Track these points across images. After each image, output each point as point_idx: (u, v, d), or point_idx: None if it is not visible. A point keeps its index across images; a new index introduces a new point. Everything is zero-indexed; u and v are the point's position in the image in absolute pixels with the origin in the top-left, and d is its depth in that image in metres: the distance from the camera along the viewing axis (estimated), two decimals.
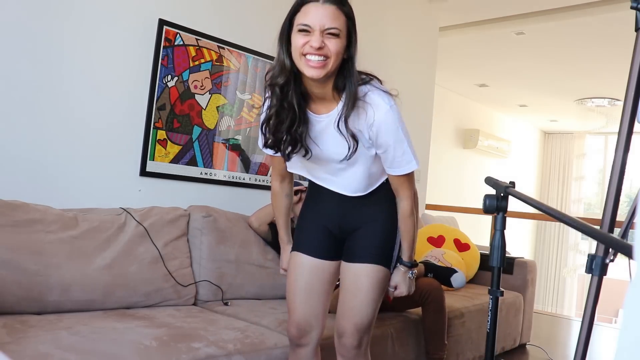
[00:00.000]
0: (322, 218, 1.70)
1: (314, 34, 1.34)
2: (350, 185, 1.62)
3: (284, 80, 1.43)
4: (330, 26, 1.35)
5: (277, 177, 1.75)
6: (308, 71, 1.37)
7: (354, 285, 1.64)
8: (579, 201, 8.84)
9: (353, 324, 1.64)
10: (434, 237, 3.71)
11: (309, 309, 1.67)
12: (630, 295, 0.47)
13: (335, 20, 1.36)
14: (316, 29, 1.34)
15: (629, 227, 1.34)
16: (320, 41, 1.34)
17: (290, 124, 1.47)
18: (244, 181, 2.98)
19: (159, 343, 1.66)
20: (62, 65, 2.29)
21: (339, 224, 1.68)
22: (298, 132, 1.48)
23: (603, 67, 5.53)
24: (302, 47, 1.36)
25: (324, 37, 1.35)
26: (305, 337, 1.68)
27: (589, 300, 1.36)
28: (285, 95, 1.45)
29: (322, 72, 1.37)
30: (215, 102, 2.82)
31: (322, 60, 1.36)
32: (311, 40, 1.34)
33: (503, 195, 1.30)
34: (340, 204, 1.66)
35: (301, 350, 1.70)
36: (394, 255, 1.68)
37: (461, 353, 2.92)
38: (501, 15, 4.54)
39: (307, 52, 1.36)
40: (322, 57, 1.36)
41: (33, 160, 2.22)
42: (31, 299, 1.87)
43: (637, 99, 1.32)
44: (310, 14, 1.35)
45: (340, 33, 1.37)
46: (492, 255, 1.32)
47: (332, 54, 1.36)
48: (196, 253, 2.46)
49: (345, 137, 1.46)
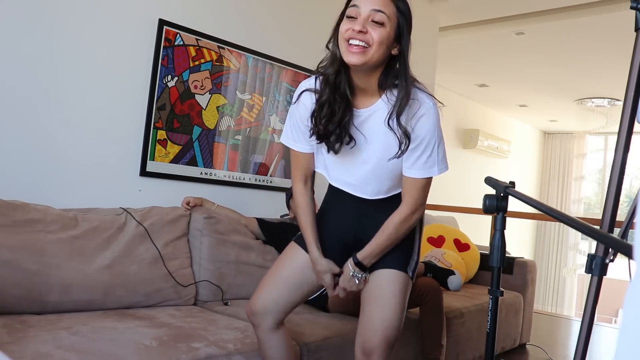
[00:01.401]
0: (337, 230, 1.64)
1: (359, 19, 1.34)
2: (375, 187, 1.55)
3: (334, 70, 1.43)
4: (377, 9, 1.33)
5: (300, 177, 1.64)
6: (347, 56, 1.36)
7: (379, 294, 1.55)
8: (578, 201, 8.84)
9: (384, 339, 1.52)
10: (434, 237, 3.71)
11: (271, 294, 1.62)
12: (630, 295, 0.47)
13: (383, 7, 1.34)
14: (362, 13, 1.34)
15: (628, 227, 1.34)
16: (362, 25, 1.33)
17: (342, 115, 1.45)
18: (244, 181, 2.98)
19: (159, 343, 1.66)
20: (62, 65, 2.29)
21: (355, 233, 1.62)
22: (345, 123, 1.46)
23: (603, 67, 5.53)
24: (345, 32, 1.35)
25: (369, 24, 1.34)
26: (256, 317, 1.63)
27: (589, 300, 1.36)
28: (338, 86, 1.44)
29: (361, 58, 1.34)
30: (215, 102, 2.82)
31: (362, 45, 1.34)
32: (354, 24, 1.34)
33: (503, 195, 1.30)
34: (359, 212, 1.60)
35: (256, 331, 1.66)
36: (411, 262, 1.60)
37: (461, 353, 2.92)
38: (501, 15, 4.54)
39: (349, 36, 1.35)
40: (363, 42, 1.34)
41: (33, 160, 2.22)
42: (31, 299, 1.87)
43: (637, 99, 1.32)
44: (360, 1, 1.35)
45: (386, 23, 1.35)
46: (492, 255, 1.32)
47: (374, 42, 1.34)
48: (196, 253, 2.46)
49: (396, 133, 1.42)
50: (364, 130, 1.48)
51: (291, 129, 1.58)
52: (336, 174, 1.60)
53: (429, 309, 2.49)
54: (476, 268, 3.67)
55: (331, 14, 3.40)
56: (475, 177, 6.91)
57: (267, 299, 1.63)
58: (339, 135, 1.46)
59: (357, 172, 1.54)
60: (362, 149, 1.50)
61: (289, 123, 1.59)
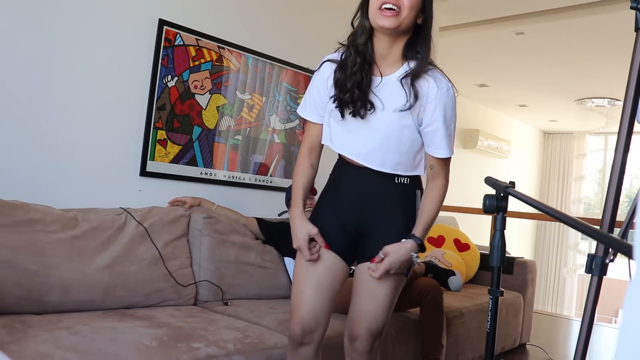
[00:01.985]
0: (339, 209, 1.64)
1: None
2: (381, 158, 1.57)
3: (364, 40, 1.52)
4: None
5: (305, 146, 1.71)
6: (381, 21, 1.45)
7: (369, 291, 1.59)
8: (578, 201, 8.84)
9: (367, 329, 1.60)
10: (434, 237, 3.71)
11: (317, 304, 1.61)
12: (630, 295, 0.47)
13: None
14: None
15: (628, 227, 1.34)
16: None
17: (369, 82, 1.53)
18: (244, 181, 2.98)
19: (159, 343, 1.66)
20: (62, 66, 2.29)
21: (356, 219, 1.62)
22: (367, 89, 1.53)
23: (603, 67, 5.53)
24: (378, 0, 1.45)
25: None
26: (309, 335, 1.61)
27: (589, 300, 1.36)
28: (364, 54, 1.53)
29: (395, 21, 1.44)
30: (215, 102, 2.82)
31: (395, 10, 1.44)
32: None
33: (503, 195, 1.30)
34: (361, 199, 1.61)
35: (303, 350, 1.62)
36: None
37: (461, 353, 2.92)
38: (501, 15, 4.54)
39: (383, 1, 1.44)
40: (395, 7, 1.43)
41: (33, 160, 2.22)
42: (31, 299, 1.87)
43: (637, 99, 1.32)
44: None
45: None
46: (492, 255, 1.32)
47: (405, 6, 1.44)
48: (196, 253, 2.46)
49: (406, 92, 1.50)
50: (382, 96, 1.54)
51: (307, 99, 1.67)
52: (343, 141, 1.62)
53: (429, 309, 2.49)
54: (476, 268, 3.67)
55: (331, 14, 3.42)
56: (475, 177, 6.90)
57: (316, 310, 1.61)
58: (364, 101, 1.53)
59: (367, 139, 1.57)
60: (377, 116, 1.55)
61: (306, 93, 1.68)
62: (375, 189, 1.60)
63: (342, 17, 3.58)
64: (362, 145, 1.58)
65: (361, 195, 1.62)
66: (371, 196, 1.61)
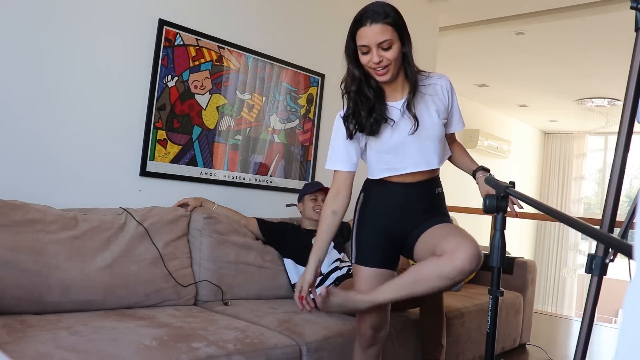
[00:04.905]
0: (382, 219, 1.83)
1: (372, 51, 1.64)
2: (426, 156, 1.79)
3: (356, 87, 1.75)
4: (381, 40, 1.63)
5: (332, 190, 1.86)
6: (379, 78, 1.70)
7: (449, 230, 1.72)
8: (578, 201, 8.84)
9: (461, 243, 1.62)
10: None
11: (381, 311, 1.85)
12: (630, 295, 0.47)
13: (384, 35, 1.62)
14: (372, 46, 1.64)
15: (628, 227, 1.34)
16: (377, 56, 1.64)
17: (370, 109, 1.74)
18: (244, 181, 2.98)
19: (159, 343, 1.66)
20: (62, 65, 2.29)
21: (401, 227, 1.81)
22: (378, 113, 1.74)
23: (603, 67, 5.53)
24: (367, 64, 1.68)
25: (380, 50, 1.64)
26: (378, 334, 1.88)
27: (589, 300, 1.36)
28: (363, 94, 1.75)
29: (388, 75, 1.69)
30: (215, 102, 2.82)
31: (385, 68, 1.67)
32: (372, 57, 1.65)
33: (503, 195, 1.30)
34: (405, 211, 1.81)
35: (371, 350, 1.91)
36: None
37: (461, 353, 2.92)
38: (501, 15, 4.54)
39: (372, 67, 1.67)
40: (383, 67, 1.67)
41: (33, 160, 2.22)
42: (31, 299, 1.87)
43: (637, 99, 1.32)
44: (363, 36, 1.65)
45: (392, 42, 1.64)
46: (492, 255, 1.32)
47: (391, 60, 1.66)
48: (196, 253, 2.46)
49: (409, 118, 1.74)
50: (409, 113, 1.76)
51: (331, 154, 1.85)
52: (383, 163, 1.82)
53: (429, 309, 2.49)
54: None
55: (331, 14, 3.41)
56: None
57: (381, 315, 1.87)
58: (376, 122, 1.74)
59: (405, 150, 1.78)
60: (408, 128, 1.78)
61: (331, 149, 1.85)
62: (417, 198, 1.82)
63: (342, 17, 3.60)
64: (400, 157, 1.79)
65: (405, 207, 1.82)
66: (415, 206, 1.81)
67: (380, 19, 1.62)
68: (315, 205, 2.76)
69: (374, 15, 1.62)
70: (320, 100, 3.35)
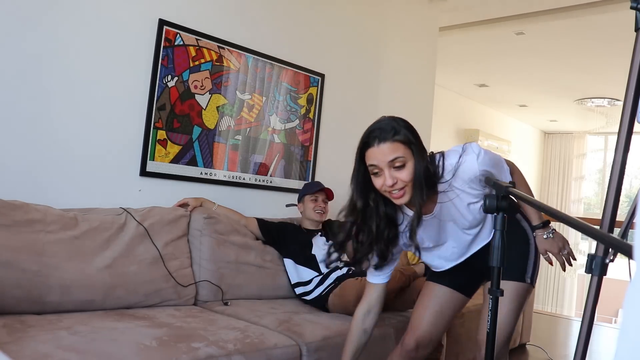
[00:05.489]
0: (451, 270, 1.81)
1: (384, 172, 1.47)
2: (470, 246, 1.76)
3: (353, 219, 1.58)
4: (392, 158, 1.46)
5: (364, 306, 1.81)
6: (396, 202, 1.53)
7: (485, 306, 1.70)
8: (578, 201, 8.84)
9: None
10: None
11: (433, 328, 1.83)
12: (630, 295, 0.47)
13: (394, 153, 1.46)
14: (383, 167, 1.47)
15: (628, 227, 1.34)
16: (390, 177, 1.47)
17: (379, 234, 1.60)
18: (244, 181, 2.98)
19: (159, 343, 1.66)
20: (62, 66, 2.29)
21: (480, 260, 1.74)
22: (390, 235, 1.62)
23: (603, 67, 5.53)
24: (381, 187, 1.50)
25: (393, 170, 1.47)
26: (421, 349, 1.83)
27: (589, 300, 1.35)
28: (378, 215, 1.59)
29: (406, 198, 1.51)
30: (215, 102, 2.82)
31: (400, 190, 1.49)
32: (385, 180, 1.48)
33: (503, 195, 1.30)
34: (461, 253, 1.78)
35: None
36: (527, 268, 1.76)
37: (461, 353, 2.92)
38: (501, 15, 4.54)
39: (387, 190, 1.50)
40: (398, 189, 1.49)
41: (33, 161, 2.22)
42: (31, 299, 1.87)
43: (637, 99, 1.31)
44: (372, 157, 1.48)
45: (404, 159, 1.47)
46: (492, 255, 1.32)
47: (407, 181, 1.48)
48: (196, 253, 2.46)
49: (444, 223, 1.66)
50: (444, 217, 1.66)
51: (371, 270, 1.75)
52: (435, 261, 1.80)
53: None
54: None
55: (331, 14, 3.41)
56: None
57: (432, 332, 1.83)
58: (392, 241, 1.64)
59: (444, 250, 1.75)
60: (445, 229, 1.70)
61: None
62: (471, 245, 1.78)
63: (342, 17, 3.59)
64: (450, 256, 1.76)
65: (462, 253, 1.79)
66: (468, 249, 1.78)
67: (390, 136, 1.46)
68: (316, 206, 2.76)
69: (381, 134, 1.46)
70: (320, 100, 3.35)
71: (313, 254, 2.62)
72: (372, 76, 3.73)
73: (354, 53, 3.56)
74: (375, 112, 3.74)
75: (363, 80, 3.67)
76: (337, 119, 3.49)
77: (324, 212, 2.78)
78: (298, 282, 2.61)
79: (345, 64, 3.51)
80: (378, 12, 3.75)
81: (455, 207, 1.62)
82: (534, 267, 1.78)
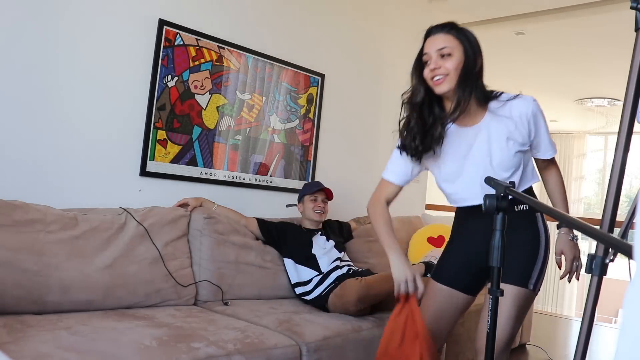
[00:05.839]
0: (467, 249, 1.79)
1: (432, 59, 1.61)
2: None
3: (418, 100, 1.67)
4: (441, 47, 1.60)
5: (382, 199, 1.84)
6: (435, 89, 1.63)
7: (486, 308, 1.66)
8: (579, 201, 8.83)
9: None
10: (433, 237, 3.70)
11: (436, 327, 1.82)
12: (630, 295, 0.47)
13: (444, 42, 1.60)
14: (432, 54, 1.61)
15: (628, 227, 1.34)
16: (435, 63, 1.60)
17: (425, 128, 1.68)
18: (244, 181, 2.98)
19: (159, 343, 1.66)
20: (62, 66, 2.29)
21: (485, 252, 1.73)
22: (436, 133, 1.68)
23: (603, 67, 5.53)
24: (427, 74, 1.63)
25: (439, 59, 1.60)
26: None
27: (589, 300, 1.35)
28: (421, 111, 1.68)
29: (444, 86, 1.61)
30: (215, 102, 2.82)
31: (441, 77, 1.60)
32: (430, 65, 1.61)
33: (503, 195, 1.30)
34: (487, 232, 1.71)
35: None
36: (532, 274, 1.71)
37: (461, 353, 2.92)
38: (501, 15, 4.53)
39: (431, 76, 1.62)
40: (440, 76, 1.60)
41: (33, 160, 2.22)
42: (31, 299, 1.87)
43: (637, 99, 1.31)
44: (426, 46, 1.64)
45: (453, 52, 1.60)
46: (492, 255, 1.32)
47: (449, 70, 1.59)
48: (196, 253, 2.46)
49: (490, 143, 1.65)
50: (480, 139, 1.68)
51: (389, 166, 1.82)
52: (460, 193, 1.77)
53: None
54: None
55: (331, 14, 3.41)
56: None
57: (435, 332, 1.81)
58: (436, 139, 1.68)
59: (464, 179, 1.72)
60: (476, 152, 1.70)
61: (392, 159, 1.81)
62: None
63: (342, 17, 3.59)
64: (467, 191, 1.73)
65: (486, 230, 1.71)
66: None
67: (445, 29, 1.62)
68: (315, 206, 2.76)
69: (438, 27, 1.64)
70: (320, 100, 3.35)
71: (313, 254, 2.62)
72: (372, 76, 3.73)
73: (354, 53, 3.56)
74: (375, 112, 3.74)
75: (363, 80, 3.67)
76: (337, 119, 3.49)
77: (324, 212, 2.78)
78: (298, 282, 2.61)
79: (345, 64, 3.51)
80: (378, 12, 3.75)
81: (496, 133, 1.65)
82: (539, 273, 1.72)
